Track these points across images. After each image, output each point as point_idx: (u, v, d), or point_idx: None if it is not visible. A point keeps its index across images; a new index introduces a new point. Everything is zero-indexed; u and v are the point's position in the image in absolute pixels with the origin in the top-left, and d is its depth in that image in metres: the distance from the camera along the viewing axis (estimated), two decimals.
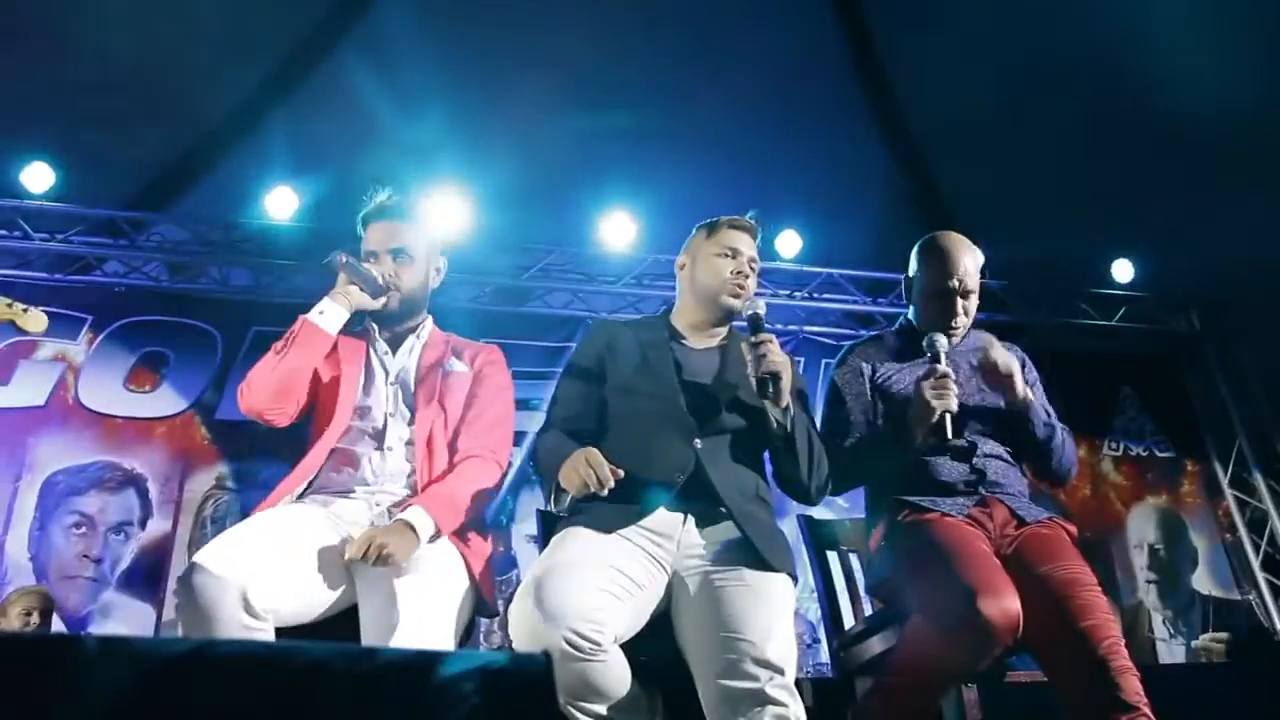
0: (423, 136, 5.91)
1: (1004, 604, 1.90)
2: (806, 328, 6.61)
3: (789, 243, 6.46)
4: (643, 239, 6.31)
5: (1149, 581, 6.25)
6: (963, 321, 2.48)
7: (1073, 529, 2.32)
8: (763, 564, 2.02)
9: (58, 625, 4.97)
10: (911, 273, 2.57)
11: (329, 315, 2.22)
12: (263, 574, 1.84)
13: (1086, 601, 2.03)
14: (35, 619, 4.39)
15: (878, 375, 2.50)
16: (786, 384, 2.11)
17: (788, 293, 6.55)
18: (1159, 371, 6.87)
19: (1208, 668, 4.66)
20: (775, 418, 2.15)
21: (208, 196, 6.15)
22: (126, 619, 5.28)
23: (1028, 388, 2.37)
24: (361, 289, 2.25)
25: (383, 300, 2.30)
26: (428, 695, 0.82)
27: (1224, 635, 4.93)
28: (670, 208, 6.11)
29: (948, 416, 2.22)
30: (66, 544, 5.39)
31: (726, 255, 2.35)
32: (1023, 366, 2.51)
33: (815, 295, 6.55)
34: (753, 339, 2.15)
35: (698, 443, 2.14)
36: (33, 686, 0.81)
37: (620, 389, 2.26)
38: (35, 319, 2.09)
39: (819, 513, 2.71)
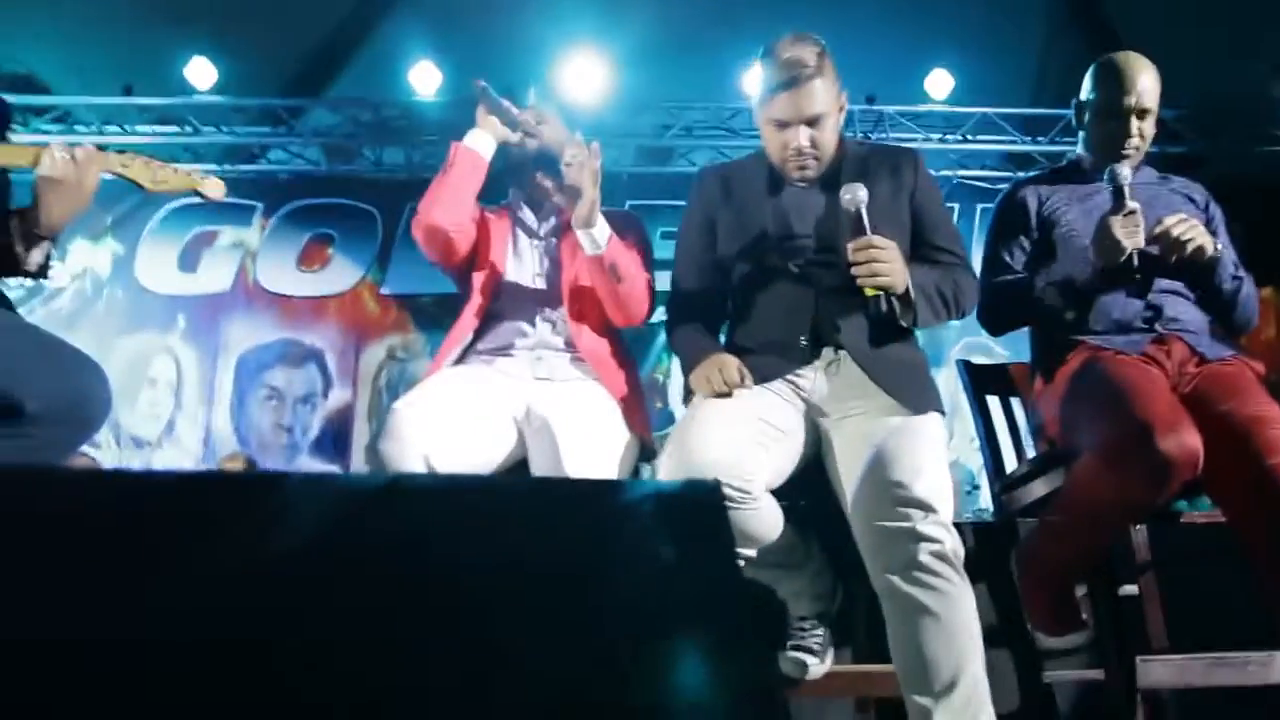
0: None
1: (1183, 439, 1.80)
2: (960, 172, 6.32)
3: (939, 82, 6.13)
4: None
5: None
6: (1137, 144, 2.29)
7: (1259, 366, 2.17)
8: (900, 405, 1.96)
9: None
10: (1084, 95, 2.38)
11: (478, 140, 2.23)
12: (441, 438, 1.94)
13: (1273, 439, 1.91)
14: None
15: (1044, 209, 2.36)
16: (900, 289, 1.96)
17: (939, 135, 6.26)
18: None
19: None
20: (895, 319, 1.98)
21: (359, 77, 6.30)
22: None
23: (1214, 240, 2.19)
24: (502, 120, 2.25)
25: (519, 136, 2.29)
26: (605, 517, 0.84)
27: None
28: None
29: (1135, 255, 2.09)
30: (261, 416, 5.82)
31: (778, 128, 2.09)
32: (1206, 209, 2.33)
33: (970, 137, 6.23)
34: (851, 249, 1.95)
35: (816, 302, 2.04)
36: (245, 518, 0.88)
37: (732, 251, 2.16)
38: (214, 185, 2.14)
39: (979, 356, 2.63)
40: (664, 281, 2.32)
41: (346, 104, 6.25)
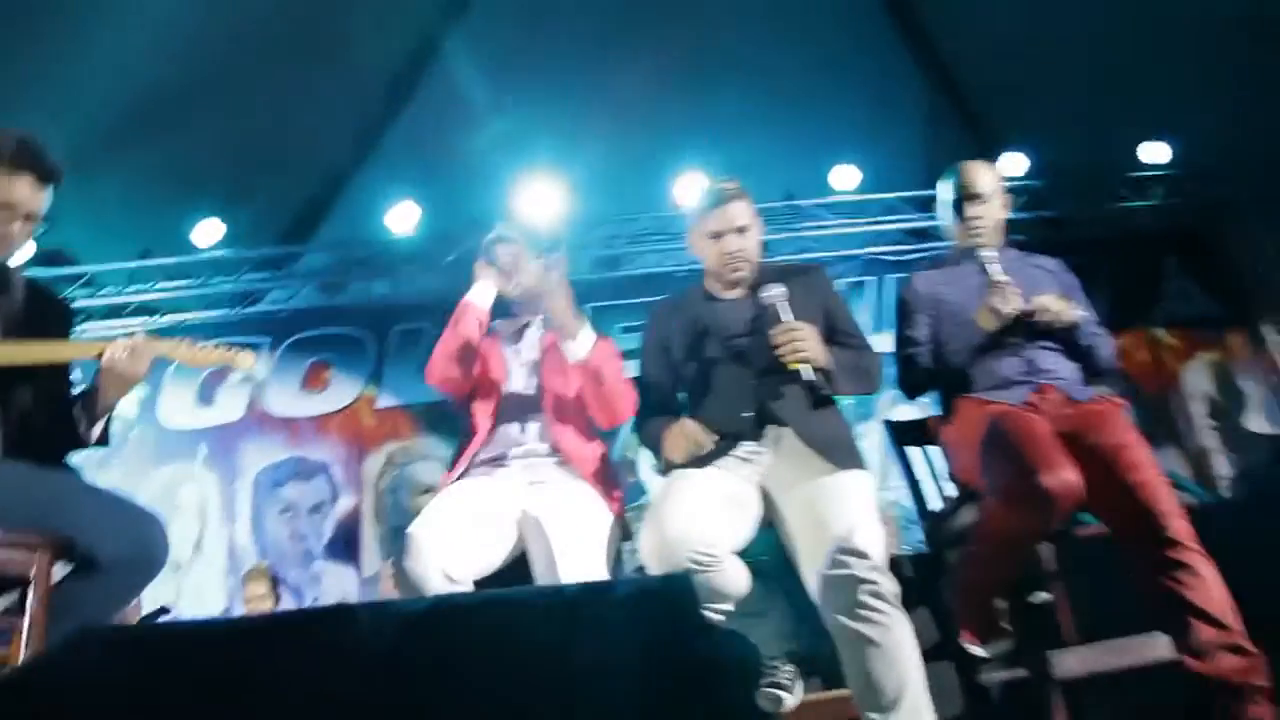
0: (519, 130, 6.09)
1: (1062, 476, 1.96)
2: (870, 249, 6.60)
3: (847, 176, 6.46)
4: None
5: (1210, 428, 6.19)
6: (983, 226, 2.52)
7: (1121, 401, 2.37)
8: (831, 465, 2.13)
9: (284, 593, 5.43)
10: (939, 201, 2.64)
11: (481, 293, 2.46)
12: (453, 551, 2.06)
13: (1133, 461, 2.09)
14: (267, 590, 4.83)
15: (933, 293, 2.58)
16: (819, 362, 2.14)
17: (849, 219, 6.55)
18: (1199, 241, 6.65)
19: (1259, 504, 4.56)
20: (818, 386, 2.15)
21: (344, 219, 6.51)
22: (334, 580, 5.73)
23: (1074, 306, 2.41)
24: (494, 268, 2.49)
25: (514, 284, 2.50)
26: (607, 612, 1.00)
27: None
28: (737, 162, 6.19)
29: (1018, 304, 2.33)
30: (278, 528, 5.86)
31: (713, 239, 2.37)
32: (1061, 277, 2.57)
33: (876, 219, 6.52)
34: (773, 334, 2.15)
35: (754, 382, 2.23)
36: (320, 646, 1.01)
37: (685, 358, 2.36)
38: (245, 358, 2.25)
39: (899, 414, 2.81)
40: (631, 369, 2.52)
41: (335, 246, 6.45)
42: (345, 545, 5.81)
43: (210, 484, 5.90)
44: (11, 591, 1.97)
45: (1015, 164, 6.38)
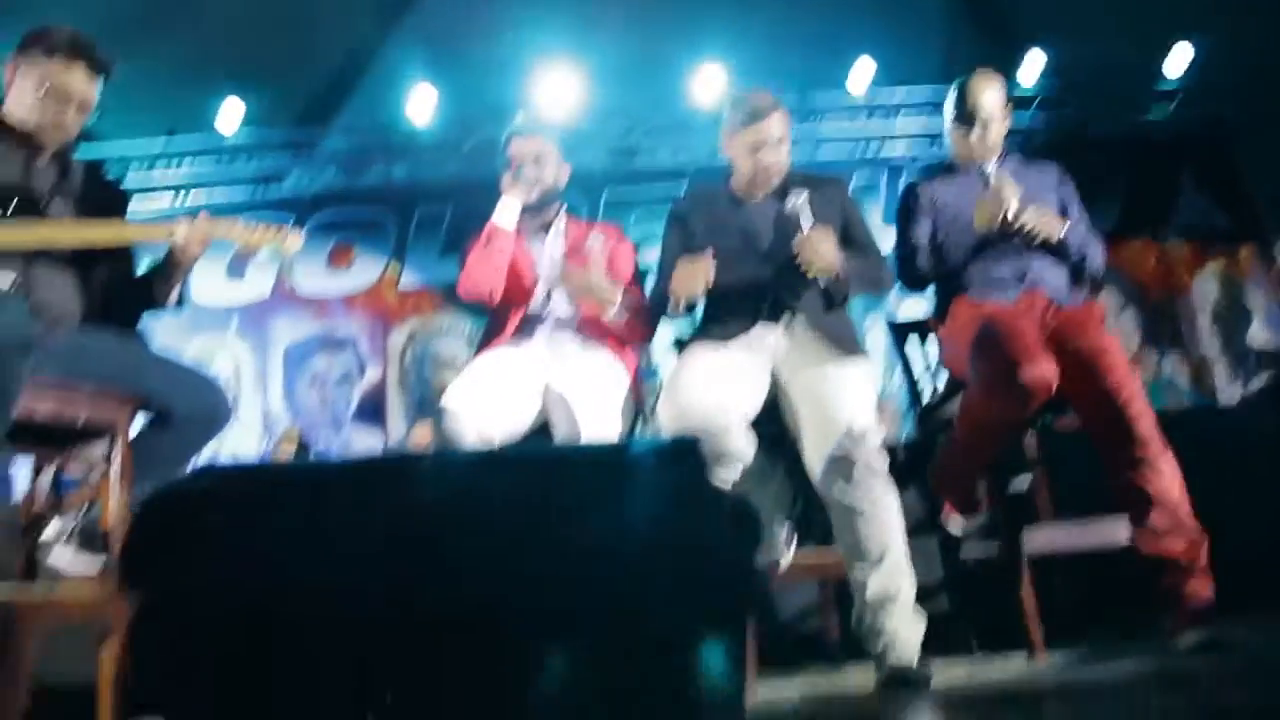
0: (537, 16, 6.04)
1: (1039, 369, 2.14)
2: (885, 152, 6.63)
3: (861, 72, 6.42)
4: (731, 85, 6.31)
5: (1212, 337, 6.32)
6: (984, 138, 2.61)
7: (1102, 307, 2.53)
8: (838, 353, 2.32)
9: (314, 458, 5.74)
10: (946, 112, 2.72)
11: (507, 213, 2.55)
12: (485, 415, 2.27)
13: (1110, 364, 2.26)
14: (295, 449, 5.13)
15: (934, 199, 2.70)
16: (832, 271, 2.30)
17: (861, 120, 6.55)
18: (1216, 154, 6.61)
19: (1232, 411, 4.75)
20: (833, 291, 2.35)
21: (365, 101, 6.51)
22: (361, 447, 6.04)
23: (1061, 221, 2.53)
24: (520, 184, 2.57)
25: (537, 193, 2.61)
26: (626, 467, 1.19)
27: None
28: (754, 56, 6.16)
29: (1005, 222, 2.45)
30: (308, 396, 6.13)
31: (750, 150, 2.47)
32: (1058, 187, 2.68)
33: (887, 118, 6.52)
34: (795, 244, 2.30)
35: (775, 271, 2.39)
36: (390, 493, 1.21)
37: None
38: (293, 240, 2.38)
39: (903, 314, 2.98)
40: (645, 255, 2.66)
41: (357, 130, 6.49)
42: (372, 413, 6.10)
43: (243, 353, 6.14)
44: (92, 442, 2.21)
45: (1035, 62, 6.32)
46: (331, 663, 1.02)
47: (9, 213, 2.10)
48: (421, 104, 6.29)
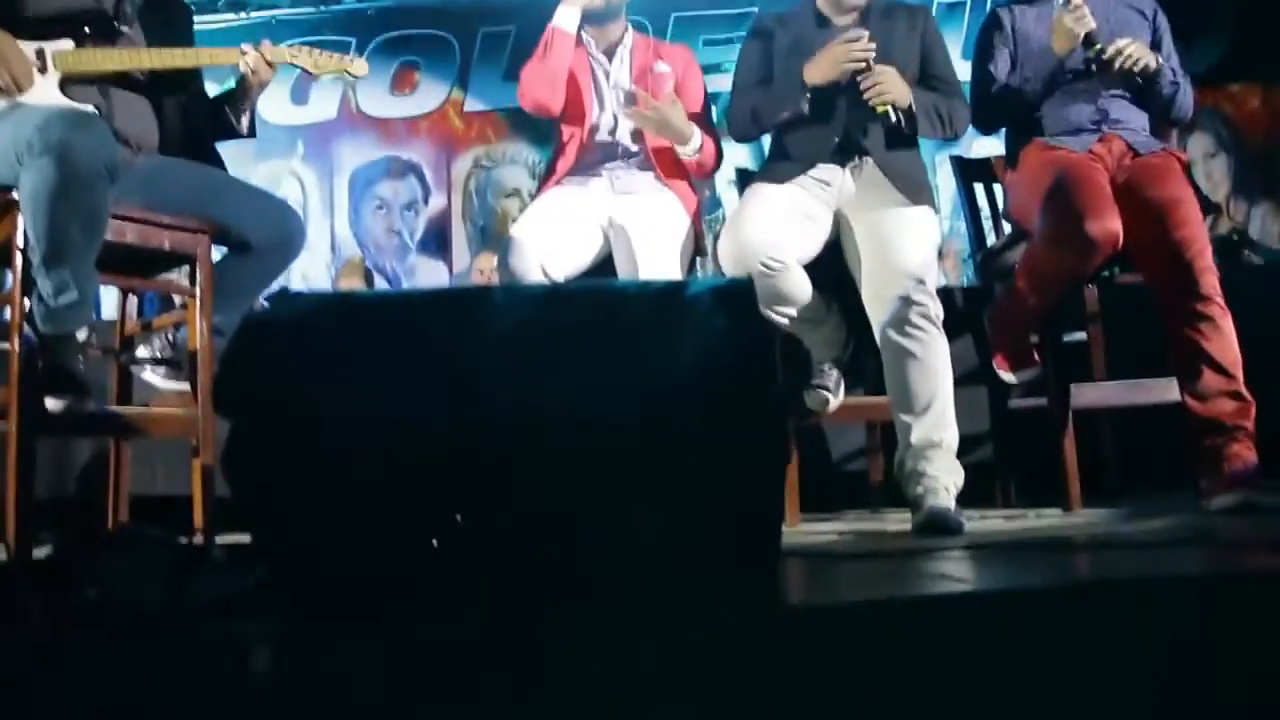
0: None
1: (1105, 223, 2.10)
2: None
3: None
4: None
5: None
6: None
7: (1183, 156, 2.43)
8: (905, 199, 2.29)
9: (379, 282, 5.92)
10: None
11: (567, 16, 2.49)
12: (549, 249, 2.33)
13: (1182, 217, 2.20)
14: (360, 280, 5.28)
15: (1015, 25, 2.57)
16: (902, 104, 2.24)
17: None
18: None
19: None
20: (900, 127, 2.27)
21: None
22: (426, 274, 6.20)
23: (1155, 55, 2.39)
24: None
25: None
26: (682, 305, 1.24)
27: None
28: None
29: (1087, 43, 2.33)
30: (374, 222, 6.25)
31: None
32: (1154, 19, 2.52)
33: None
34: (860, 79, 2.23)
35: (845, 109, 2.33)
36: (462, 324, 1.27)
37: (784, 75, 2.40)
38: (360, 65, 2.39)
39: (969, 151, 2.89)
40: (714, 83, 2.58)
41: None
42: (437, 241, 6.22)
43: (310, 179, 6.23)
44: (174, 269, 2.33)
45: None
46: (406, 487, 1.12)
47: (86, 37, 2.13)
48: None
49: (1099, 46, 2.33)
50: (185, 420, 2.17)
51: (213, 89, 2.45)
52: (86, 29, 2.14)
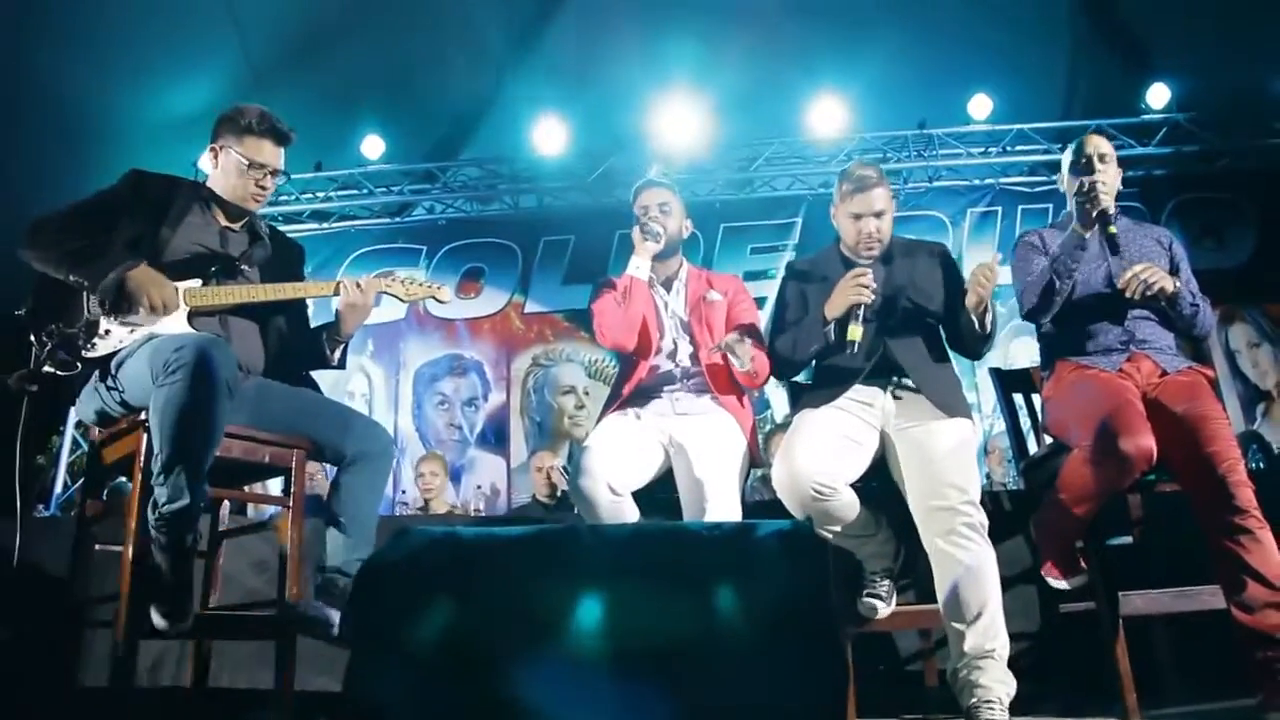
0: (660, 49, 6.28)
1: (1139, 441, 2.22)
2: (1002, 180, 6.62)
3: (981, 104, 6.43)
4: (851, 121, 6.44)
5: None
6: (1101, 197, 2.58)
7: (1210, 373, 2.58)
8: (942, 414, 2.45)
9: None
10: (1063, 171, 2.81)
11: (641, 267, 2.75)
12: (615, 469, 2.49)
13: (1212, 432, 2.32)
14: (441, 477, 5.46)
15: (1049, 247, 2.76)
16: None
17: (982, 150, 6.56)
18: None
19: None
20: (980, 327, 2.49)
21: (492, 133, 6.91)
22: (486, 469, 6.41)
23: (1173, 279, 2.57)
24: (649, 240, 2.77)
25: (661, 244, 2.81)
26: (749, 548, 1.39)
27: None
28: (873, 88, 6.25)
29: (1097, 210, 2.52)
30: (436, 417, 6.55)
31: (854, 219, 2.62)
32: (1170, 248, 2.73)
33: (1009, 149, 6.51)
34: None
35: (882, 337, 2.54)
36: (550, 563, 1.43)
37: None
38: (445, 292, 2.63)
39: (1006, 362, 3.06)
40: (760, 289, 2.77)
41: (486, 161, 6.89)
42: (495, 435, 6.47)
43: (377, 375, 6.61)
44: (266, 479, 2.53)
45: (1159, 96, 6.22)
46: (508, 708, 1.26)
47: (210, 276, 2.43)
48: (547, 134, 6.64)
49: (1113, 230, 2.53)
50: (273, 626, 2.32)
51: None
52: (213, 269, 2.44)
